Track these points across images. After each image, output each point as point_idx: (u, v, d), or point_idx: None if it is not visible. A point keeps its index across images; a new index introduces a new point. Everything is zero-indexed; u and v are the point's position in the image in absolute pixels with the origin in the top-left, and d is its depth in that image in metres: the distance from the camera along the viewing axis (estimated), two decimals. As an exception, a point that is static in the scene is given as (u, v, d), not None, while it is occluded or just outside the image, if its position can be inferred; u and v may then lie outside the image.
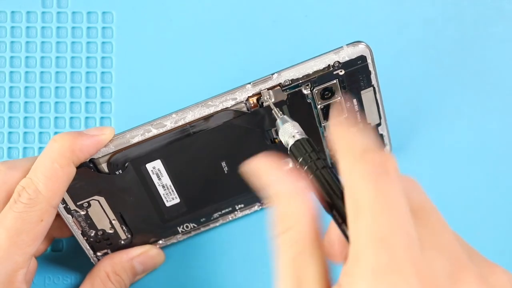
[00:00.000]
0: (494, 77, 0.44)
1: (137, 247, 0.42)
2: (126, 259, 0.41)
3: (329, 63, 0.38)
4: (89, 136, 0.37)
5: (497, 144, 0.44)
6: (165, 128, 0.38)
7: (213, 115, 0.38)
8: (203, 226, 0.42)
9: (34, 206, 0.35)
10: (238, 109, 0.38)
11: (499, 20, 0.44)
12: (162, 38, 0.44)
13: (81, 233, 0.41)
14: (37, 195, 0.35)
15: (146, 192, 0.40)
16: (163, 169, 0.39)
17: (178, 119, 0.38)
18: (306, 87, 0.38)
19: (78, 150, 0.36)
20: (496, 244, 0.43)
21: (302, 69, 0.38)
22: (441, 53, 0.44)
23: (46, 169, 0.36)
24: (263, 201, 0.42)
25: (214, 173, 0.40)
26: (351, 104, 0.40)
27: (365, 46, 0.38)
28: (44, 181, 0.35)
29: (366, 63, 0.38)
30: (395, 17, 0.44)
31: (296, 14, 0.44)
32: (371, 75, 0.39)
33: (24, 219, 0.35)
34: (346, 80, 0.38)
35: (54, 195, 0.36)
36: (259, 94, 0.38)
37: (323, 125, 0.40)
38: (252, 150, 0.39)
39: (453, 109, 0.44)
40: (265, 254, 0.43)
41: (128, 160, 0.38)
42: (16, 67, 0.44)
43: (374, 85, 0.39)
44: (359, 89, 0.39)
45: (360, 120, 0.41)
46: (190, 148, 0.39)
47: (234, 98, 0.38)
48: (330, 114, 0.39)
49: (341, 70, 0.38)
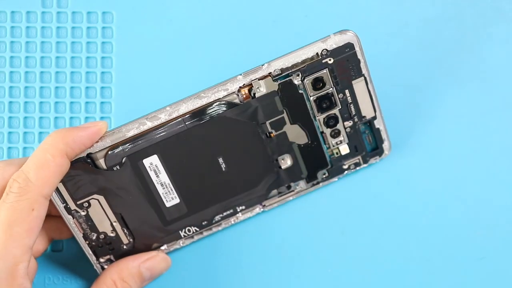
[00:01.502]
0: (494, 77, 0.44)
1: (143, 253, 0.41)
2: (133, 266, 0.40)
3: (317, 51, 0.38)
4: (82, 128, 0.37)
5: (496, 144, 0.44)
6: (160, 120, 0.38)
7: (206, 106, 0.38)
8: (205, 230, 0.42)
9: (24, 195, 0.35)
10: (230, 100, 0.38)
11: (499, 20, 0.44)
12: (162, 38, 0.44)
13: (83, 236, 0.41)
14: (27, 183, 0.35)
15: (145, 190, 0.40)
16: (160, 166, 0.39)
17: (172, 111, 0.38)
18: (296, 77, 0.39)
19: (72, 141, 0.37)
20: (496, 244, 0.43)
21: (291, 58, 0.38)
22: (441, 53, 0.44)
23: (37, 159, 0.36)
24: (264, 203, 0.42)
25: (211, 170, 0.40)
26: (344, 96, 0.40)
27: (352, 34, 0.38)
28: (34, 170, 0.35)
29: (354, 50, 0.39)
30: (395, 16, 0.44)
31: (296, 14, 0.44)
32: (360, 64, 0.39)
33: (15, 208, 0.35)
34: (336, 69, 0.39)
35: (44, 184, 0.36)
36: (251, 85, 0.39)
37: (318, 118, 0.40)
38: (248, 145, 0.40)
39: (453, 109, 0.44)
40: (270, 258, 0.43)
41: (125, 155, 0.39)
42: (16, 67, 0.44)
43: (365, 75, 0.40)
44: (350, 79, 0.39)
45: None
46: (185, 143, 0.39)
47: (226, 89, 0.38)
48: None
49: (330, 59, 0.38)
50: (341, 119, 0.41)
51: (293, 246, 0.43)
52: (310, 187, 0.42)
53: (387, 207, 0.44)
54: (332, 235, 0.43)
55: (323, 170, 0.42)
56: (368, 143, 0.42)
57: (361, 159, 0.42)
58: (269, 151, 0.41)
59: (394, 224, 0.43)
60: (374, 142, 0.42)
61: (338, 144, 0.42)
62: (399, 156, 0.44)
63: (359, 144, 0.42)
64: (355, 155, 0.42)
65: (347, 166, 0.42)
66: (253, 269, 0.43)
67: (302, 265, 0.43)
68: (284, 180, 0.42)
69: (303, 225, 0.43)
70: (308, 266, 0.43)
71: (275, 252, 0.43)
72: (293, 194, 0.42)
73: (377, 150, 0.42)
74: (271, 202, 0.42)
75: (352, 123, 0.41)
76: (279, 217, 0.43)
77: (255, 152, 0.40)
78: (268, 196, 0.42)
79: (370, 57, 0.44)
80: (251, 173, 0.41)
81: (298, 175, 0.42)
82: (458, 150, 0.44)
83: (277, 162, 0.41)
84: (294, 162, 0.41)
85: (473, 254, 0.43)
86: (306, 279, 0.43)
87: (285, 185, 0.42)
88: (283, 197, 0.42)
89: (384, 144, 0.42)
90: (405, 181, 0.44)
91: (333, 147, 0.42)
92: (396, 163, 0.44)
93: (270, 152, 0.41)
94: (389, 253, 0.43)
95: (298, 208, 0.43)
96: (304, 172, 0.42)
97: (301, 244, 0.43)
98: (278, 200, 0.42)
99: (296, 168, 0.42)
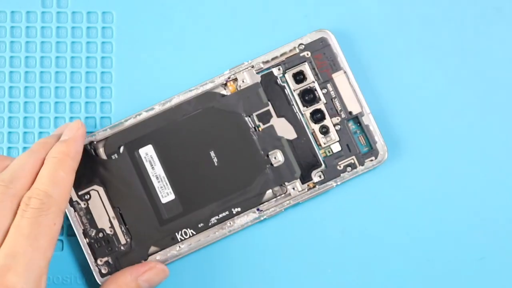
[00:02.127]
0: (494, 77, 0.44)
1: (140, 264, 0.41)
2: (131, 279, 0.40)
3: (294, 46, 0.42)
4: (75, 139, 0.40)
5: (496, 144, 0.44)
6: (154, 111, 0.42)
7: (196, 98, 0.42)
8: (201, 232, 0.42)
9: (46, 210, 0.36)
10: (218, 92, 0.42)
11: (499, 20, 0.44)
12: (162, 38, 0.44)
13: (83, 232, 0.42)
14: (49, 199, 0.37)
15: (141, 183, 0.42)
16: (155, 156, 0.42)
17: (165, 103, 0.42)
18: (278, 71, 0.42)
19: (77, 154, 0.40)
20: (496, 244, 0.43)
21: (271, 54, 0.42)
22: (441, 53, 0.44)
23: (52, 175, 0.38)
24: (260, 206, 0.42)
25: (204, 165, 0.42)
26: (327, 91, 0.42)
27: (326, 30, 0.42)
28: (52, 187, 0.37)
29: (328, 44, 0.42)
30: (395, 16, 0.44)
31: (296, 14, 0.44)
32: (338, 58, 0.42)
33: (40, 223, 0.36)
34: (315, 63, 0.42)
35: (63, 200, 0.37)
36: (236, 80, 0.42)
37: (304, 113, 0.42)
38: (238, 139, 0.42)
39: (453, 109, 0.44)
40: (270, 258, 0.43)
41: (122, 142, 0.42)
42: (15, 67, 0.44)
43: (344, 68, 0.42)
44: (329, 72, 0.42)
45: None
46: (178, 133, 0.42)
47: (212, 81, 0.42)
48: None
49: (308, 53, 0.42)
50: (327, 115, 0.42)
51: (292, 249, 0.43)
52: (307, 190, 0.42)
53: (386, 208, 0.44)
54: (332, 236, 0.43)
55: (317, 170, 0.42)
56: (361, 145, 0.43)
57: (355, 159, 0.42)
58: (259, 145, 0.42)
59: (394, 224, 0.43)
60: (367, 142, 0.42)
61: (328, 142, 0.42)
62: (398, 157, 0.44)
63: (350, 142, 0.42)
64: (349, 155, 0.42)
65: (342, 167, 0.42)
66: (253, 269, 0.43)
67: (302, 266, 0.43)
68: (277, 179, 0.42)
69: (302, 227, 0.43)
70: (308, 267, 0.43)
71: (275, 252, 0.43)
72: (290, 198, 0.42)
73: (372, 151, 0.42)
74: (267, 207, 0.42)
75: (340, 119, 0.42)
76: (276, 219, 0.43)
77: (245, 146, 0.42)
78: (263, 199, 0.42)
79: (369, 57, 0.44)
80: (243, 169, 0.42)
81: (292, 174, 0.42)
82: (458, 151, 0.44)
83: (269, 158, 0.42)
84: (285, 158, 0.42)
85: (473, 254, 0.43)
86: (306, 279, 0.43)
87: (279, 185, 0.42)
88: (280, 202, 0.42)
89: (377, 144, 0.42)
90: (404, 182, 0.44)
91: (324, 145, 0.42)
92: (395, 164, 0.44)
93: (260, 146, 0.42)
94: (389, 253, 0.43)
95: (296, 210, 0.43)
96: (297, 170, 0.42)
97: (301, 245, 0.43)
98: (274, 205, 0.42)
99: (288, 165, 0.42)
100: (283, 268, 0.43)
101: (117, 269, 0.42)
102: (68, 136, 0.40)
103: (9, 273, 0.34)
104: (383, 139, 0.42)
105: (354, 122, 0.43)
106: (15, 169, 0.38)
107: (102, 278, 0.42)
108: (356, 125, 0.43)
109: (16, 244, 0.35)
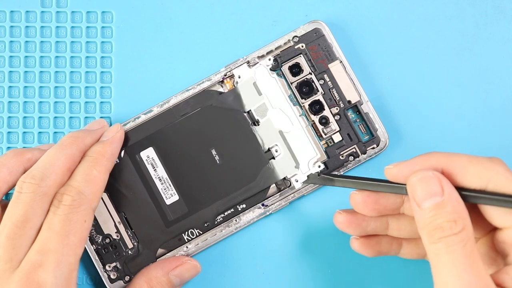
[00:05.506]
0: (494, 77, 0.44)
1: (172, 258, 0.41)
2: (162, 274, 0.40)
3: (288, 39, 0.42)
4: (111, 141, 0.41)
5: (496, 144, 0.44)
6: (153, 113, 0.42)
7: (194, 97, 0.42)
8: (208, 231, 0.42)
9: (78, 207, 0.37)
10: (215, 90, 0.43)
11: (499, 20, 0.44)
12: (162, 37, 0.44)
13: (89, 239, 0.42)
14: (80, 197, 0.37)
15: (144, 186, 0.42)
16: (156, 158, 0.42)
17: (163, 104, 0.42)
18: (269, 61, 0.42)
19: (112, 156, 0.40)
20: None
21: (265, 48, 0.43)
22: (441, 53, 0.44)
23: (86, 174, 0.38)
24: (265, 201, 0.42)
25: (206, 163, 0.42)
26: (324, 81, 0.42)
27: (319, 21, 0.42)
28: (85, 185, 0.38)
29: (322, 35, 0.42)
30: (395, 16, 0.44)
31: (296, 14, 0.44)
32: (332, 48, 0.42)
33: (71, 219, 0.36)
34: (310, 55, 0.42)
35: (94, 198, 0.38)
36: (232, 76, 0.43)
37: (303, 105, 0.43)
38: (239, 135, 0.42)
39: (453, 109, 0.44)
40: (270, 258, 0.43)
41: (122, 148, 0.42)
42: (15, 66, 0.44)
43: (340, 58, 0.42)
44: (325, 62, 0.42)
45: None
46: (178, 134, 0.42)
47: (209, 79, 0.42)
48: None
49: (302, 45, 0.42)
50: (326, 105, 0.42)
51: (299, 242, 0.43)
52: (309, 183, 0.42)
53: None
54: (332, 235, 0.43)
55: (318, 162, 0.42)
56: (362, 133, 0.43)
57: (357, 148, 0.42)
58: (259, 139, 0.42)
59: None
60: (368, 130, 0.42)
61: (329, 132, 0.42)
62: (397, 155, 0.44)
63: (351, 131, 0.42)
64: (350, 145, 0.42)
65: (344, 156, 0.42)
66: (262, 264, 0.43)
67: (310, 259, 0.43)
68: (279, 172, 0.42)
69: (308, 219, 0.43)
70: (316, 259, 0.43)
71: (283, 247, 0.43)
72: (295, 191, 0.42)
73: (373, 138, 0.42)
74: (272, 201, 0.42)
75: (339, 109, 0.42)
76: (282, 213, 0.43)
77: (246, 142, 0.42)
78: (268, 194, 0.42)
79: (369, 56, 0.44)
80: (245, 165, 0.42)
81: (292, 165, 0.42)
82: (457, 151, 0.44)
83: (270, 152, 0.42)
84: (285, 151, 0.42)
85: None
86: (315, 272, 0.43)
87: (282, 178, 0.42)
88: (284, 196, 0.42)
89: (378, 131, 0.42)
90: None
91: (325, 135, 0.42)
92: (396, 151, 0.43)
93: (261, 140, 0.42)
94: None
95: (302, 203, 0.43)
96: (297, 162, 0.42)
97: (309, 238, 0.43)
98: (279, 199, 0.42)
99: (288, 158, 0.42)
100: (291, 261, 0.43)
101: (126, 274, 0.42)
102: (106, 138, 0.41)
103: (40, 269, 0.35)
104: (384, 126, 0.42)
105: (353, 111, 0.43)
106: (46, 167, 0.38)
107: (112, 283, 0.42)
108: (355, 113, 0.43)
109: (48, 241, 0.36)
